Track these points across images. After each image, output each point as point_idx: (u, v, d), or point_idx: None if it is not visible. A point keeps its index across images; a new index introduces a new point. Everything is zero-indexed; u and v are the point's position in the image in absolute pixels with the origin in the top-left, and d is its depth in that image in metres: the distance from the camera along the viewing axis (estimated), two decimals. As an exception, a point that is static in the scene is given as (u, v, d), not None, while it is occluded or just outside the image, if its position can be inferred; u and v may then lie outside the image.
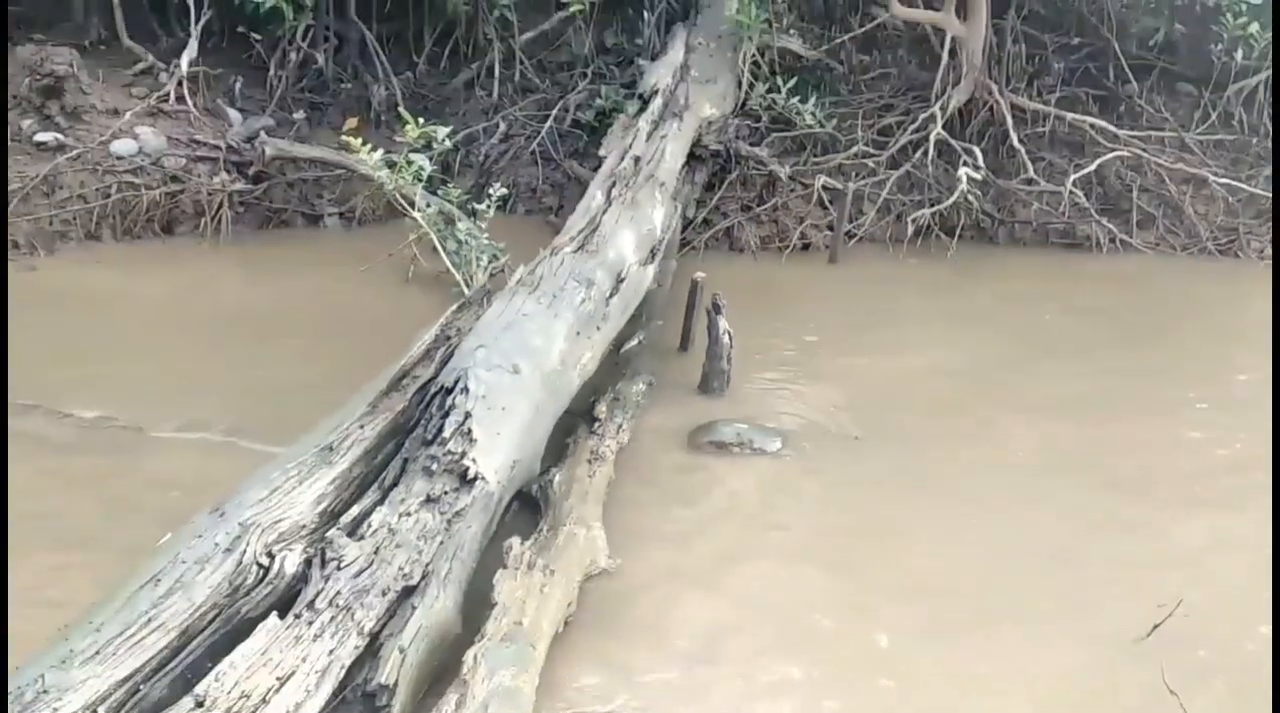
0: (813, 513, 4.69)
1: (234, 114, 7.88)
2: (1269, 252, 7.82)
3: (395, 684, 3.16)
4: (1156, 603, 3.94)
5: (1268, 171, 8.25)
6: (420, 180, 5.90)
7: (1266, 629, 3.96)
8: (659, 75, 7.72)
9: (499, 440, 4.02)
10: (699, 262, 7.19)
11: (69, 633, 2.90)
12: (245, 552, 3.30)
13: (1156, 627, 3.87)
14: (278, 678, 2.92)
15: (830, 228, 7.68)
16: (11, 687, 2.71)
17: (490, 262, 5.96)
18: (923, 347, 6.39)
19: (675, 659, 3.74)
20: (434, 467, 3.83)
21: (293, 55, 8.35)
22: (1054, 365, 6.17)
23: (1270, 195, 8.00)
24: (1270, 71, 8.44)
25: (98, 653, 2.85)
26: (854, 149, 8.09)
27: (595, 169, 7.49)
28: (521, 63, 8.85)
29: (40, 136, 7.26)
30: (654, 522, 4.52)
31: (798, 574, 4.28)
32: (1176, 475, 5.08)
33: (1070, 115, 8.31)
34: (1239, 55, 8.40)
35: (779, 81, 8.26)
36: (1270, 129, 8.59)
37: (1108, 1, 8.77)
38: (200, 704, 2.76)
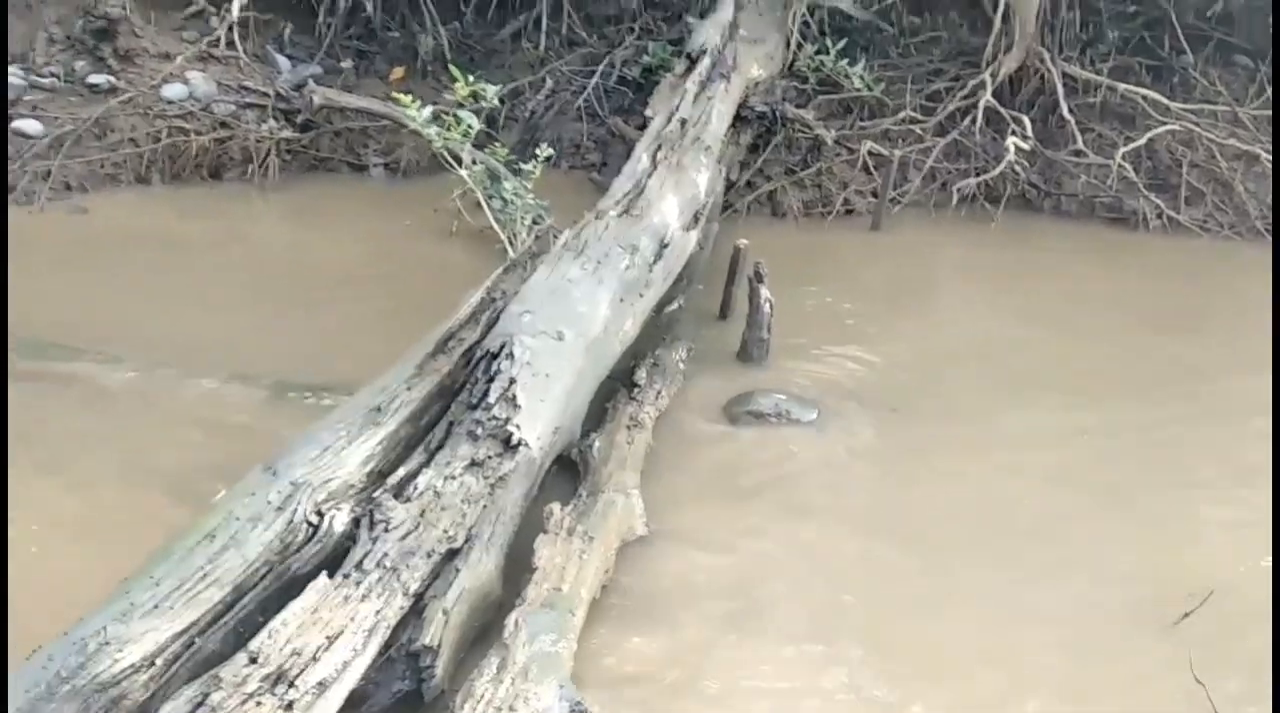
0: (846, 485, 4.74)
1: (283, 61, 7.91)
2: (1319, 233, 7.72)
3: (439, 645, 3.26)
4: (1187, 591, 3.98)
5: (1323, 149, 8.12)
6: (468, 138, 5.92)
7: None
8: (707, 34, 7.63)
9: (542, 407, 4.09)
10: (741, 225, 7.21)
11: (129, 586, 3.00)
12: (296, 510, 3.40)
13: (1187, 615, 3.91)
14: (327, 637, 3.02)
15: (874, 194, 7.64)
16: (74, 637, 2.82)
17: (534, 222, 5.99)
18: (964, 319, 6.40)
19: (708, 628, 3.81)
20: (478, 431, 3.90)
21: (341, 3, 8.34)
22: (1098, 343, 6.14)
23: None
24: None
25: (156, 607, 2.96)
26: (901, 114, 8.03)
27: (640, 127, 7.48)
28: (569, 16, 8.79)
29: (93, 79, 7.34)
30: (690, 490, 4.59)
31: (831, 545, 4.34)
32: (1218, 459, 5.06)
33: (1123, 86, 8.19)
34: (1298, 28, 8.24)
35: (828, 43, 8.20)
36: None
37: (1166, -31, 8.62)
38: (254, 660, 2.86)
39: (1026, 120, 7.83)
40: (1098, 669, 3.77)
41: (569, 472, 4.50)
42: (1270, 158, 7.87)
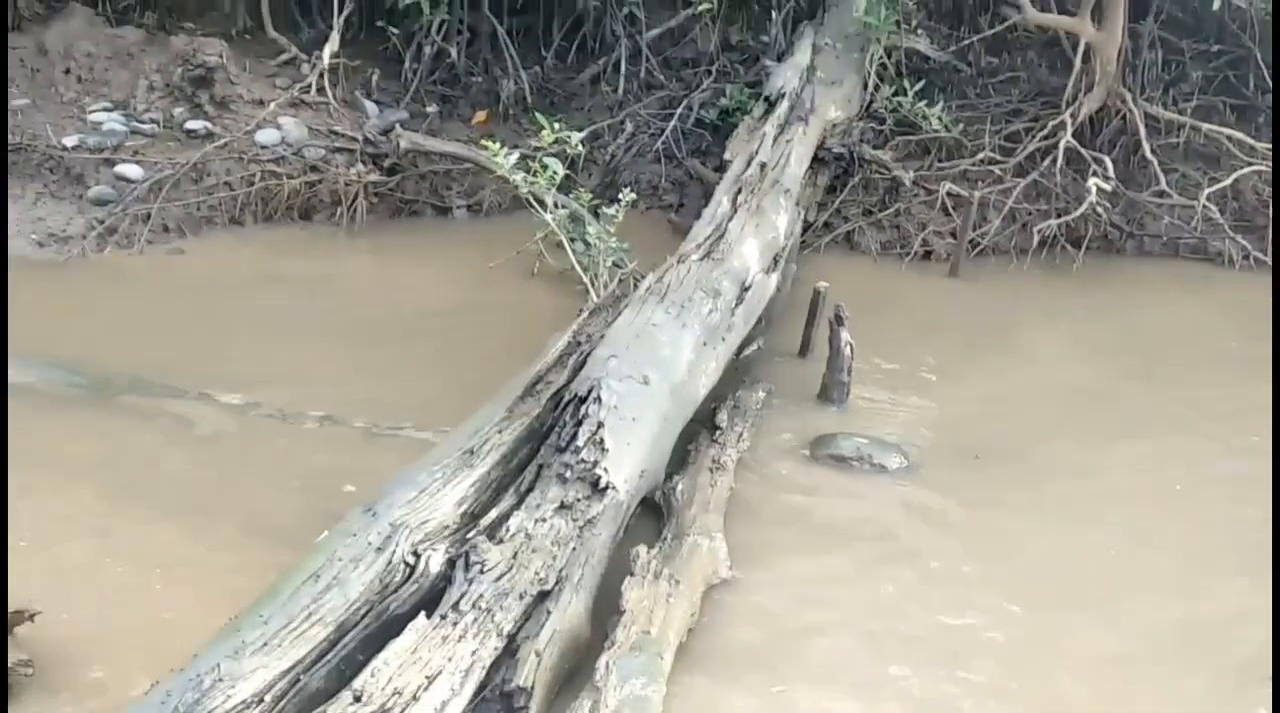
0: (932, 533, 4.72)
1: (370, 106, 8.15)
2: None
3: (532, 687, 3.32)
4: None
5: None
6: (554, 184, 6.05)
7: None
8: (785, 78, 7.75)
9: (629, 450, 4.16)
10: (818, 265, 7.26)
11: (240, 624, 3.12)
12: (395, 551, 3.49)
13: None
14: (426, 677, 3.10)
15: (953, 235, 7.63)
16: (190, 673, 2.94)
17: (616, 264, 6.09)
18: (1047, 363, 6.35)
19: (792, 675, 3.82)
20: (568, 474, 3.98)
21: (427, 49, 8.58)
22: (1183, 388, 6.07)
23: None
24: None
25: (265, 645, 3.06)
26: (980, 155, 8.02)
27: (716, 168, 7.60)
28: (647, 59, 8.96)
29: (191, 125, 7.63)
30: (773, 534, 4.61)
31: (915, 594, 4.33)
32: None
33: (1206, 126, 8.12)
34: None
35: (905, 84, 8.23)
36: None
37: (1250, 7, 8.51)
38: (358, 698, 2.95)
39: (1108, 161, 7.78)
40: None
41: (652, 514, 4.56)
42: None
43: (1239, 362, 6.42)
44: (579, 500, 3.93)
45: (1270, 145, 8.08)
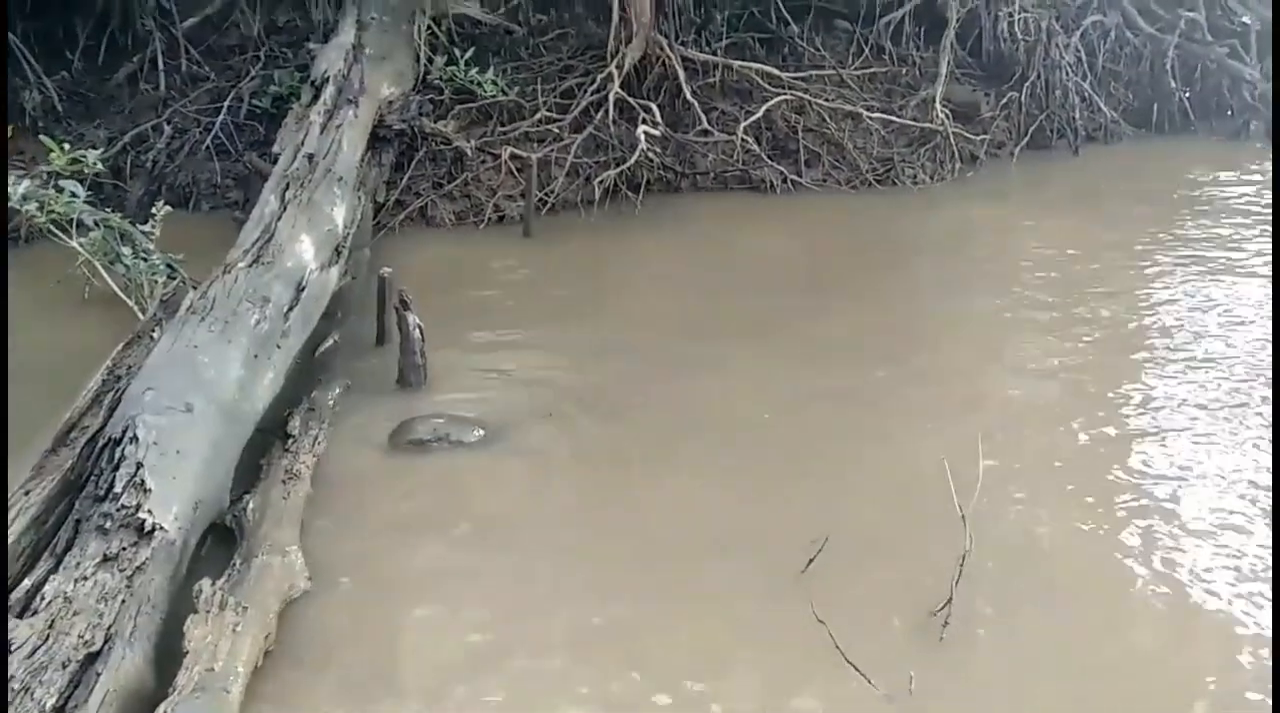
0: (511, 501, 4.86)
1: None
2: (921, 177, 8.58)
3: (84, 759, 3.19)
4: (811, 539, 4.40)
5: (915, 100, 9.01)
6: (71, 210, 5.61)
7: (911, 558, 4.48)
8: (330, 60, 7.60)
9: (176, 485, 4.03)
10: (395, 245, 7.25)
11: None
12: (-95, 654, 3.22)
13: (811, 561, 4.33)
14: (-48, 781, 2.90)
15: (523, 197, 7.84)
16: None
17: (165, 281, 5.78)
18: (617, 311, 6.69)
19: (378, 682, 3.82)
20: (108, 524, 3.80)
21: (-75, 65, 7.70)
22: (747, 316, 6.55)
23: (919, 124, 8.76)
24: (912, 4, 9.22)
25: None
26: (538, 115, 8.27)
27: (276, 161, 7.36)
28: (187, 51, 8.50)
29: None
30: (355, 534, 4.60)
31: (503, 568, 4.44)
32: (860, 415, 5.51)
33: (737, 64, 8.78)
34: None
35: (456, 52, 8.30)
36: (917, 59, 9.41)
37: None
38: None
39: (655, 108, 8.25)
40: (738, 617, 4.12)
41: (227, 541, 4.43)
42: (869, 114, 8.68)
43: (798, 283, 7.03)
44: (125, 549, 3.77)
45: (797, 75, 8.88)
